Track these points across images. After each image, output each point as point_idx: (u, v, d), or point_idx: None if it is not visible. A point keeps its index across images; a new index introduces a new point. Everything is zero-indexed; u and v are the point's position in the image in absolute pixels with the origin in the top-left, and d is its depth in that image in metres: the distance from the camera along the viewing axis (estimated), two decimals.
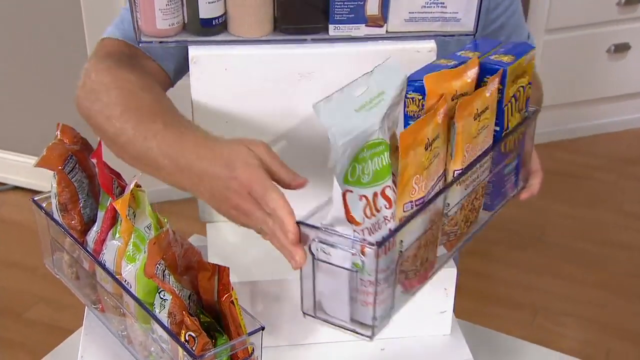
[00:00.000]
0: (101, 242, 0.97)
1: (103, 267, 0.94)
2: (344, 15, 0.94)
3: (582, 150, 3.27)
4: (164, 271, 0.86)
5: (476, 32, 0.97)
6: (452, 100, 0.83)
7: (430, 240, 0.83)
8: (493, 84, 0.86)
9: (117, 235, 0.94)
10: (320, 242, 0.76)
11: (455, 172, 0.84)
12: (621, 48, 3.09)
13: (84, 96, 0.98)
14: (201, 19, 0.93)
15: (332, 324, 0.81)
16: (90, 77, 0.98)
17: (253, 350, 0.87)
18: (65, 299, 1.07)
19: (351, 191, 0.76)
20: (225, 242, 0.99)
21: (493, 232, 2.71)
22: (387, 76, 0.79)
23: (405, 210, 0.78)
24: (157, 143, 0.89)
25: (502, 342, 1.15)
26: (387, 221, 0.78)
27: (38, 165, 0.99)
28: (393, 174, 0.79)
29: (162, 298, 0.88)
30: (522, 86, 0.91)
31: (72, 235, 1.00)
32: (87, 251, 0.97)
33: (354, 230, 0.76)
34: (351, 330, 0.81)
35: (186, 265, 0.89)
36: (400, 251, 0.78)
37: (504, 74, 0.87)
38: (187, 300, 0.87)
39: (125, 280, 0.91)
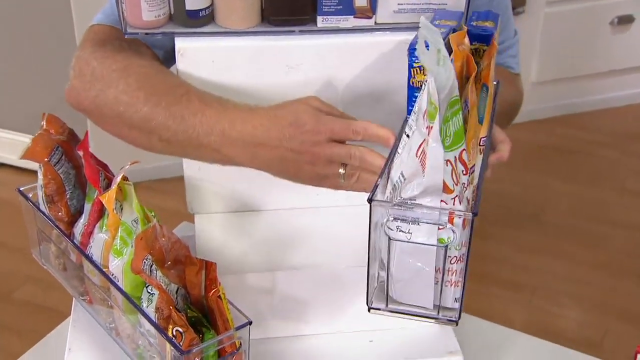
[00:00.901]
0: (88, 234, 1.00)
1: (91, 260, 0.97)
2: (332, 7, 0.96)
3: (584, 126, 3.29)
4: (151, 266, 0.89)
5: (466, 22, 0.99)
6: None
7: None
8: (492, 48, 0.85)
9: (104, 228, 0.97)
10: (398, 219, 0.71)
11: (482, 139, 0.82)
12: (625, 20, 3.10)
13: (84, 86, 0.98)
14: (187, 10, 0.95)
15: (408, 314, 0.76)
16: (91, 65, 0.98)
17: (240, 344, 0.90)
18: (54, 279, 1.11)
19: None
20: (214, 234, 1.02)
21: (489, 210, 2.74)
22: (431, 34, 0.72)
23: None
24: (200, 121, 0.91)
25: (494, 332, 1.18)
26: (465, 188, 0.73)
27: (24, 157, 1.02)
28: None
29: (149, 292, 0.91)
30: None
31: (58, 227, 1.03)
32: (75, 244, 1.00)
33: (442, 201, 0.70)
34: (433, 318, 0.76)
35: (173, 259, 0.92)
36: None
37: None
38: (175, 295, 0.90)
39: (113, 274, 0.94)
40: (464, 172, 0.72)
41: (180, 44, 0.96)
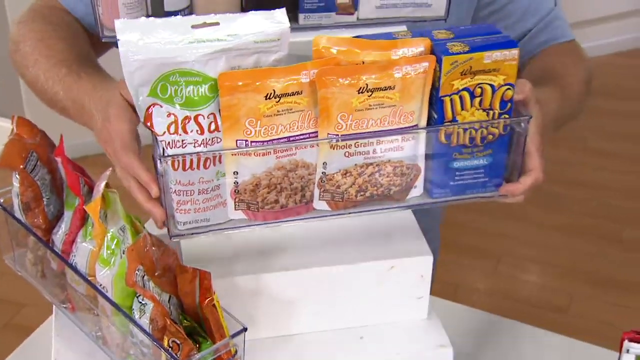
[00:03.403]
0: (70, 242, 1.03)
1: (76, 271, 1.00)
2: (314, 4, 1.00)
3: None
4: (143, 277, 0.93)
5: (447, 16, 1.04)
6: None
7: (282, 186, 0.98)
8: (412, 66, 0.93)
9: (89, 237, 1.01)
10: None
11: (329, 134, 0.95)
12: None
13: (10, 47, 1.19)
14: (166, 11, 0.99)
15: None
16: (13, 29, 1.19)
17: (236, 351, 0.95)
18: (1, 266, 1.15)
19: (160, 105, 0.92)
20: (200, 239, 1.06)
21: None
22: (262, 24, 0.92)
23: (238, 145, 0.94)
24: (62, 87, 1.09)
25: (478, 319, 1.26)
26: (196, 145, 0.94)
27: None
28: None
29: (140, 302, 0.95)
30: (490, 84, 0.97)
31: (37, 236, 1.06)
32: (57, 253, 1.04)
33: (161, 140, 0.94)
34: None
35: (163, 267, 0.96)
36: (236, 181, 0.96)
37: (439, 61, 0.94)
38: (168, 304, 0.95)
39: (101, 285, 0.98)
40: (199, 132, 0.94)
41: None
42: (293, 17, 1.02)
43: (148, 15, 1.00)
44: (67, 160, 1.04)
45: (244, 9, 1.01)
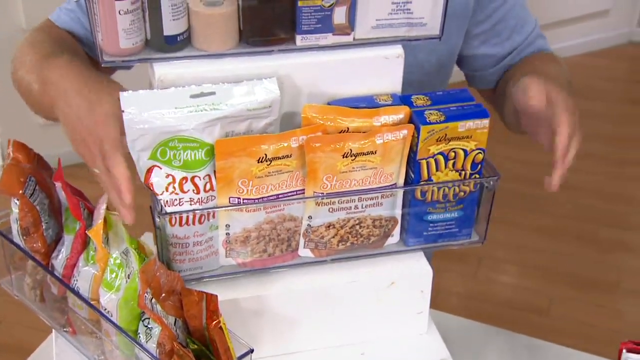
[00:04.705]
0: (71, 267, 1.04)
1: (79, 295, 1.01)
2: (311, 26, 1.02)
3: None
4: (151, 300, 0.94)
5: (442, 35, 1.07)
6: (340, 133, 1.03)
7: (270, 237, 1.06)
8: (392, 134, 1.02)
9: (92, 261, 1.01)
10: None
11: (315, 192, 1.03)
12: None
13: (13, 67, 1.16)
14: (165, 36, 0.99)
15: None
16: (16, 52, 1.17)
17: None
18: None
19: (160, 167, 0.99)
20: None
21: None
22: (255, 92, 0.98)
23: (231, 202, 1.02)
24: (35, 72, 1.06)
25: (474, 329, 1.28)
26: (192, 203, 1.01)
27: None
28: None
29: (146, 326, 0.96)
30: (463, 149, 1.06)
31: (37, 261, 1.06)
32: (59, 278, 1.04)
33: (160, 199, 1.00)
34: None
35: (167, 290, 0.98)
36: (227, 233, 1.04)
37: (417, 129, 1.03)
38: (174, 328, 0.96)
39: (105, 309, 0.99)
40: (195, 192, 1.01)
41: (160, 70, 1.00)
42: (290, 39, 1.03)
43: (147, 39, 1.01)
44: (67, 184, 1.05)
45: (242, 31, 1.02)
